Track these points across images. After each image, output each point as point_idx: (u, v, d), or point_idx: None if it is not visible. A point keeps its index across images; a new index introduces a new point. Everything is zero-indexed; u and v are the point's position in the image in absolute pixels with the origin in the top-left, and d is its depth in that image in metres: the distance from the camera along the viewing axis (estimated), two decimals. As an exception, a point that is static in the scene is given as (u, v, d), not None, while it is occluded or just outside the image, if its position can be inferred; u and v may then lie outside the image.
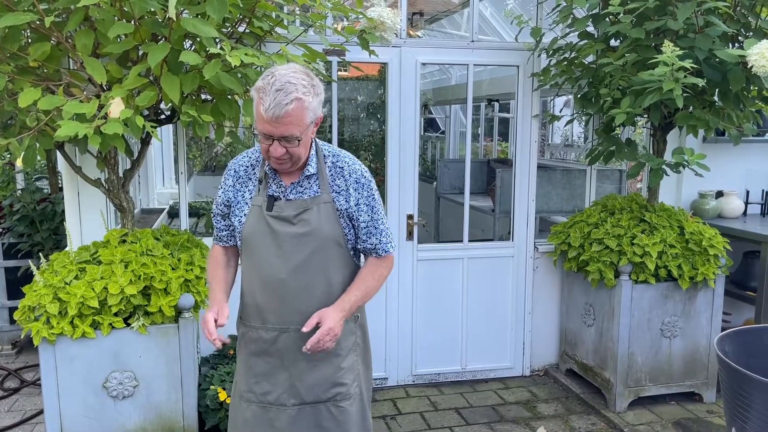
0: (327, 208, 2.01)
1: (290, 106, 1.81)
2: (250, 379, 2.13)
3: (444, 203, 6.53)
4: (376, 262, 2.12)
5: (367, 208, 2.06)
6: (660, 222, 3.66)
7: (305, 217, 2.00)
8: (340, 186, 2.04)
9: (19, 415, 3.68)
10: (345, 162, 2.07)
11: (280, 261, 2.01)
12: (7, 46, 2.55)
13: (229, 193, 2.10)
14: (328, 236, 2.01)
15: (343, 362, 2.11)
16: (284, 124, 1.83)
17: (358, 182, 2.05)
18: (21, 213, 4.47)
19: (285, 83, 1.81)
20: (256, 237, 2.03)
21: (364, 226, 2.06)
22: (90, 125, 2.38)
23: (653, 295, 3.66)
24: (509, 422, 3.67)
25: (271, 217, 2.01)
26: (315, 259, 2.01)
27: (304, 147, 1.94)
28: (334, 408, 2.10)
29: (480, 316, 4.20)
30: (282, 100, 1.80)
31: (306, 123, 1.87)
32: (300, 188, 2.02)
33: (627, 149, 3.57)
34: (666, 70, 2.79)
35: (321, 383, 2.09)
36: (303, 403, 2.09)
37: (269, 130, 1.85)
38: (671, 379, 3.80)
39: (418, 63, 3.86)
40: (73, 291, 2.75)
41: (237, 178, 2.10)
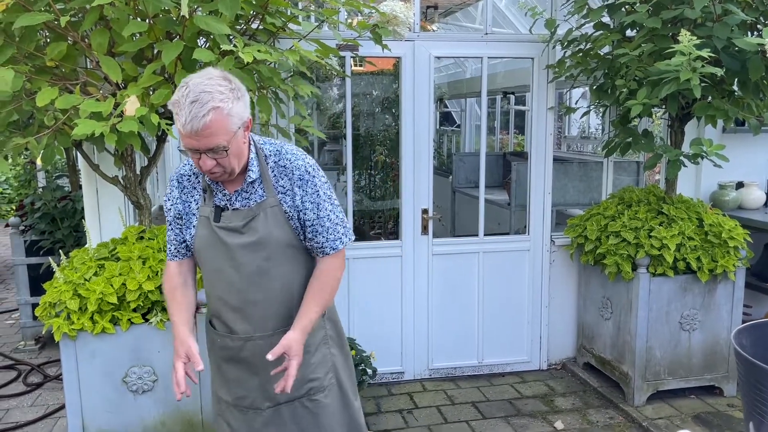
0: (274, 212, 1.94)
1: (208, 117, 1.70)
2: (223, 384, 2.12)
3: (459, 197, 6.51)
4: (326, 265, 2.00)
5: (312, 206, 1.95)
6: (678, 214, 3.62)
7: (253, 225, 1.93)
8: (285, 186, 1.94)
9: (42, 410, 3.75)
10: (287, 159, 1.95)
11: (235, 271, 1.96)
12: (24, 46, 2.58)
13: (178, 206, 2.02)
14: (280, 241, 1.94)
15: (312, 358, 2.07)
16: (206, 136, 1.72)
17: (302, 179, 1.94)
18: (42, 211, 4.54)
19: (199, 93, 1.70)
20: (209, 248, 1.97)
21: (309, 224, 1.96)
22: (106, 123, 2.40)
23: (672, 288, 3.62)
24: (526, 416, 3.66)
25: (220, 228, 1.94)
26: (270, 265, 1.95)
27: (236, 156, 1.83)
28: (308, 402, 2.08)
29: (496, 310, 4.19)
30: (198, 112, 1.69)
31: (231, 130, 1.76)
32: (245, 194, 1.94)
33: (644, 141, 3.53)
34: (683, 60, 2.75)
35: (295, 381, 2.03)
36: (278, 403, 2.06)
37: (193, 144, 1.75)
38: (691, 372, 3.76)
39: (432, 57, 3.85)
40: (93, 287, 2.79)
41: (181, 189, 2.02)
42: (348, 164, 3.95)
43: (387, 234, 6.78)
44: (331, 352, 2.15)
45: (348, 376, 2.22)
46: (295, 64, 2.70)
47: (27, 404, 3.84)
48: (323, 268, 2.01)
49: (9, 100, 2.65)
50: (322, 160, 8.47)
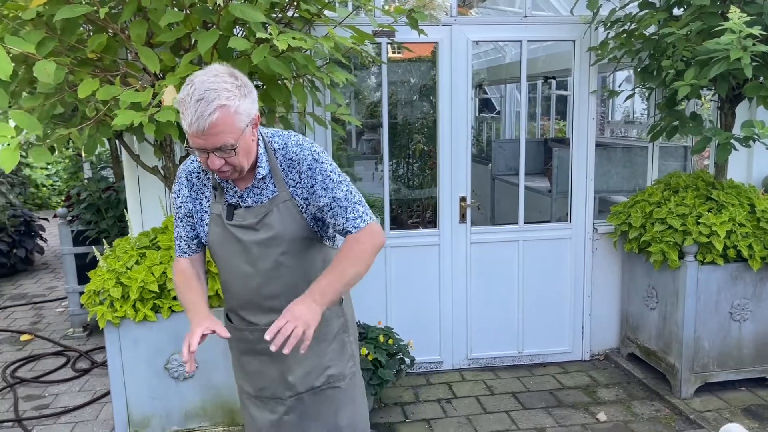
0: (287, 206, 1.89)
1: (214, 115, 1.65)
2: (245, 376, 2.11)
3: (499, 185, 6.42)
4: (352, 239, 1.90)
5: (325, 192, 1.89)
6: (728, 200, 3.48)
7: (267, 221, 1.89)
8: (295, 179, 1.90)
9: (89, 395, 3.85)
10: (293, 152, 1.90)
11: (251, 268, 1.93)
12: (65, 39, 2.63)
13: (188, 204, 1.97)
14: (295, 235, 1.91)
15: (329, 346, 2.05)
16: (213, 135, 1.67)
17: (310, 168, 1.88)
18: (87, 201, 4.66)
19: (205, 91, 1.65)
20: (223, 246, 1.95)
21: (327, 210, 1.90)
22: (144, 113, 2.43)
23: (721, 277, 3.49)
24: (568, 407, 3.59)
25: (233, 226, 1.91)
26: (287, 259, 1.92)
27: (245, 154, 1.78)
28: (330, 390, 2.06)
29: (536, 299, 4.11)
30: (204, 111, 1.64)
31: (238, 128, 1.71)
32: (256, 190, 1.90)
33: (691, 124, 3.40)
34: (733, 38, 2.63)
35: (312, 371, 2.04)
36: (298, 393, 2.05)
37: (200, 143, 1.70)
38: (741, 364, 3.63)
39: (470, 41, 3.78)
40: (134, 276, 2.84)
41: (191, 186, 1.97)
42: (384, 153, 3.92)
43: (425, 223, 6.73)
44: (350, 341, 2.13)
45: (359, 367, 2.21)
46: (330, 51, 2.68)
47: (75, 389, 3.95)
48: (349, 241, 1.90)
49: (52, 92, 2.71)
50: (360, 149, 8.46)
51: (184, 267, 2.03)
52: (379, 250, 1.93)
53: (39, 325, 5.14)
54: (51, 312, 5.47)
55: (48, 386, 4.00)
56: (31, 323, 5.19)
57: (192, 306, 1.92)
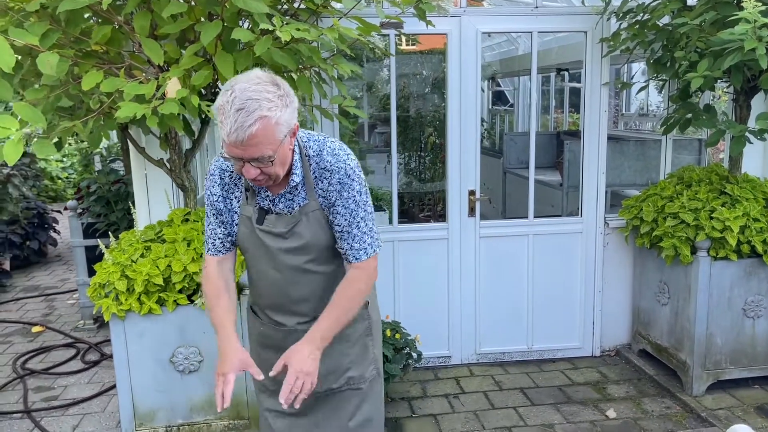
0: (316, 215, 1.87)
1: (255, 126, 1.59)
2: (263, 368, 2.02)
3: (510, 178, 6.36)
4: (351, 276, 1.89)
5: (345, 212, 1.86)
6: (743, 194, 3.41)
7: (297, 231, 1.87)
8: (324, 188, 1.86)
9: (98, 387, 3.87)
10: (327, 162, 1.85)
11: (278, 273, 1.91)
12: (69, 30, 2.62)
13: (219, 204, 1.93)
14: (324, 244, 1.89)
15: (352, 348, 2.02)
16: (252, 146, 1.62)
17: (340, 183, 1.85)
18: (97, 194, 4.67)
19: (246, 101, 1.59)
20: (251, 248, 1.93)
21: (338, 230, 1.88)
22: (148, 106, 2.42)
23: (734, 273, 3.42)
24: (577, 404, 3.55)
25: (262, 231, 1.88)
26: (314, 266, 1.91)
27: (281, 163, 1.74)
28: (349, 392, 2.03)
29: (546, 294, 4.07)
30: (245, 122, 1.58)
31: (278, 139, 1.66)
32: (288, 196, 1.87)
33: (705, 116, 3.33)
34: (748, 28, 2.56)
35: (332, 372, 1.99)
36: (316, 392, 1.98)
37: (237, 153, 1.65)
38: (754, 361, 3.56)
39: (479, 32, 3.72)
40: (139, 269, 2.83)
41: (223, 185, 1.92)
42: (393, 146, 3.89)
43: (436, 216, 6.70)
44: (373, 344, 2.10)
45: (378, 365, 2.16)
46: (335, 42, 2.64)
47: (84, 381, 3.98)
48: (348, 277, 1.91)
49: (57, 85, 2.71)
50: (372, 142, 8.42)
51: (212, 274, 1.98)
52: (371, 284, 1.96)
53: (50, 316, 5.18)
54: (63, 304, 5.51)
55: (57, 378, 4.03)
56: (43, 315, 5.23)
57: (221, 331, 1.89)
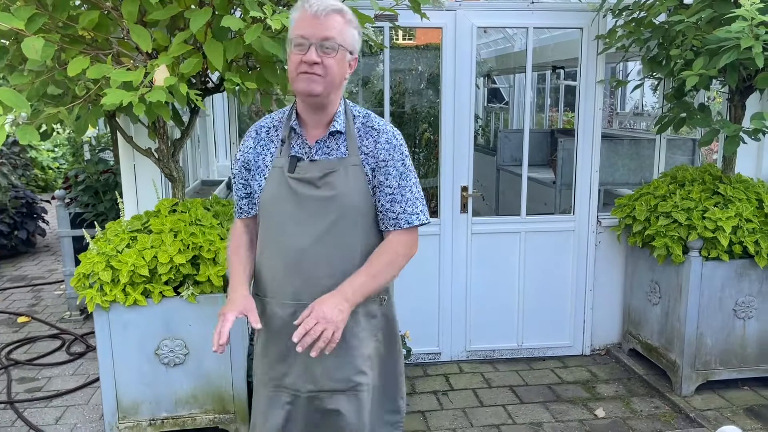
0: (355, 171, 1.84)
1: (336, 11, 1.75)
2: (265, 361, 2.00)
3: (504, 175, 6.34)
4: (394, 239, 1.88)
5: (396, 173, 1.86)
6: (736, 194, 3.39)
7: (331, 180, 1.83)
8: (369, 147, 1.86)
9: (82, 379, 3.83)
10: (375, 122, 1.90)
11: (300, 228, 1.85)
12: (56, 15, 2.57)
13: (249, 155, 1.94)
14: (355, 203, 1.84)
15: (363, 347, 1.94)
16: (325, 24, 1.73)
17: (389, 143, 1.86)
18: (85, 183, 4.61)
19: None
20: (276, 202, 1.88)
21: (389, 191, 1.86)
22: (135, 93, 2.37)
23: (726, 273, 3.41)
24: (566, 402, 3.53)
25: (294, 179, 1.84)
26: (338, 227, 1.85)
27: (339, 69, 1.78)
28: (353, 398, 1.94)
29: (538, 292, 4.04)
30: (328, 3, 1.74)
31: (346, 39, 1.77)
32: (326, 147, 1.86)
33: (699, 115, 3.30)
34: (744, 26, 2.53)
35: (340, 369, 1.91)
36: (321, 390, 1.93)
37: (309, 31, 1.73)
38: (744, 362, 3.55)
39: (474, 27, 3.69)
40: (125, 259, 2.79)
41: (258, 140, 1.94)
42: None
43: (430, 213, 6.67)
44: (378, 347, 2.00)
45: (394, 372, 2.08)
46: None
47: (69, 373, 3.93)
48: (390, 239, 1.89)
49: (42, 71, 2.65)
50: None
51: (237, 230, 2.04)
52: (408, 260, 1.92)
53: (37, 307, 5.12)
54: (50, 294, 5.45)
55: (42, 369, 3.98)
56: (29, 305, 5.17)
57: (233, 279, 1.93)
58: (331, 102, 1.85)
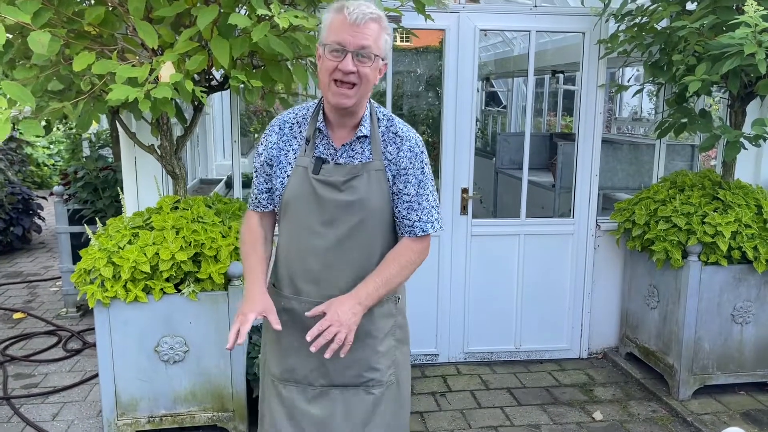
0: (378, 176, 1.86)
1: (374, 17, 1.75)
2: (277, 353, 2.00)
3: (503, 178, 6.35)
4: (407, 245, 1.91)
5: (415, 181, 1.89)
6: (735, 200, 3.41)
7: (354, 184, 1.84)
8: (392, 153, 1.88)
9: (79, 376, 3.81)
10: (399, 128, 1.91)
11: (323, 229, 1.87)
12: (62, 10, 2.56)
13: (272, 150, 1.92)
14: (377, 207, 1.86)
15: (379, 345, 1.95)
16: (363, 33, 1.73)
17: (411, 151, 1.88)
18: (84, 180, 4.60)
19: (368, 3, 1.78)
20: (299, 202, 1.88)
21: (407, 199, 1.89)
22: (140, 89, 2.37)
23: (724, 278, 3.43)
24: (564, 405, 3.54)
25: (318, 181, 1.85)
26: (360, 230, 1.87)
27: (373, 75, 1.79)
28: (365, 393, 1.94)
29: (536, 295, 4.05)
30: (366, 10, 1.75)
31: (380, 47, 1.78)
32: (351, 151, 1.87)
33: (701, 120, 3.32)
34: (748, 32, 2.55)
35: (353, 366, 1.92)
36: (332, 385, 1.94)
37: (346, 39, 1.73)
38: (741, 367, 3.57)
39: (477, 29, 3.70)
40: (126, 255, 2.78)
41: (281, 135, 1.93)
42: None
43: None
44: (397, 345, 2.02)
45: (407, 376, 2.09)
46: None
47: (65, 369, 3.91)
48: (404, 244, 1.92)
49: (47, 65, 2.65)
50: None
51: (253, 224, 2.01)
52: (419, 265, 1.94)
53: (33, 303, 5.09)
54: (45, 291, 5.43)
55: (38, 365, 3.96)
56: (24, 301, 5.14)
57: (251, 276, 1.91)
58: (360, 107, 1.87)
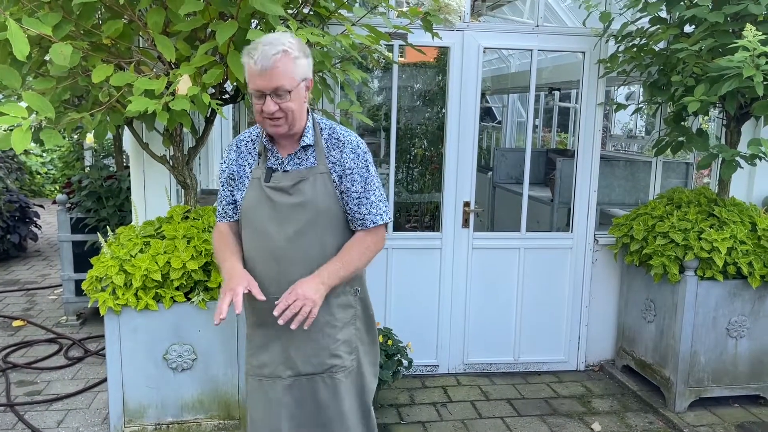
0: (323, 178, 2.07)
1: (277, 56, 1.88)
2: (249, 351, 2.22)
3: (500, 193, 6.44)
4: (363, 235, 2.13)
5: (361, 179, 2.09)
6: (730, 217, 3.50)
7: (301, 188, 2.06)
8: (336, 157, 2.08)
9: (82, 383, 3.82)
10: (341, 134, 2.12)
11: (277, 229, 2.07)
12: (82, 23, 2.62)
13: (233, 166, 2.17)
14: (324, 206, 2.07)
15: (338, 333, 2.15)
16: (273, 75, 1.89)
17: (354, 152, 2.09)
18: (89, 189, 4.63)
19: (272, 39, 1.92)
20: (256, 208, 2.09)
21: (355, 196, 2.10)
22: (159, 101, 2.43)
23: (720, 293, 3.52)
24: (562, 416, 3.60)
25: (269, 188, 2.07)
26: (310, 228, 2.06)
27: (297, 104, 1.97)
28: (329, 379, 2.14)
29: (535, 307, 4.12)
30: (269, 52, 1.88)
31: (295, 77, 1.93)
32: (297, 159, 2.09)
33: (698, 139, 3.43)
34: (746, 55, 2.65)
35: (316, 353, 2.12)
36: (299, 374, 2.14)
37: (260, 84, 1.91)
38: (736, 380, 3.65)
39: (481, 47, 3.79)
40: (138, 264, 2.82)
41: (239, 152, 2.17)
42: (391, 157, 3.93)
43: (423, 227, 6.75)
44: (357, 334, 2.22)
45: (371, 360, 2.29)
46: (347, 48, 2.68)
47: (68, 377, 3.92)
48: (358, 235, 2.14)
49: (65, 77, 2.70)
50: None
51: (223, 230, 2.23)
52: (377, 253, 2.17)
53: (32, 311, 5.10)
54: (44, 299, 5.43)
55: (40, 373, 3.97)
56: (23, 309, 5.14)
57: (229, 262, 2.09)
58: (297, 126, 2.05)
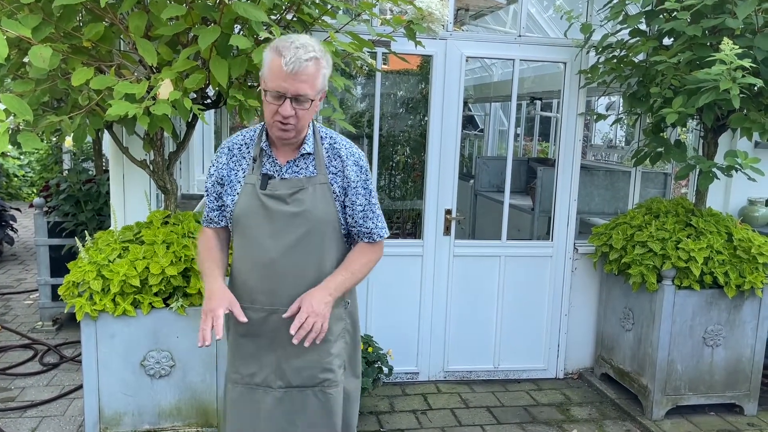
0: (323, 189, 1.99)
1: (309, 63, 1.82)
2: (237, 360, 2.13)
3: (481, 201, 6.47)
4: (367, 246, 2.09)
5: (365, 192, 2.04)
6: (707, 227, 3.55)
7: (300, 197, 1.98)
8: (337, 167, 2.02)
9: (57, 390, 3.76)
10: (342, 144, 2.05)
11: (272, 241, 1.99)
12: (62, 25, 2.59)
13: (222, 171, 2.07)
14: (322, 218, 2.00)
15: (332, 348, 2.09)
16: (300, 81, 1.82)
17: (356, 164, 2.03)
18: (67, 193, 4.57)
19: (305, 43, 1.84)
20: (249, 216, 2.01)
21: (360, 209, 2.04)
22: (140, 105, 2.41)
23: (697, 302, 3.56)
24: (541, 423, 3.62)
25: (265, 195, 1.98)
26: (307, 240, 1.99)
27: (311, 114, 1.92)
28: (321, 394, 2.08)
29: (515, 315, 4.14)
30: (302, 56, 1.81)
31: (318, 87, 1.87)
32: (296, 167, 2.01)
33: (676, 150, 3.48)
34: (723, 69, 2.70)
35: (309, 367, 2.06)
36: (290, 386, 2.07)
37: (284, 87, 1.83)
38: (712, 389, 3.69)
39: (464, 56, 3.82)
40: (116, 269, 2.79)
41: (231, 156, 2.07)
42: (374, 162, 3.93)
43: (405, 234, 6.75)
44: (346, 348, 2.18)
45: (354, 367, 2.25)
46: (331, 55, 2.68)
47: (43, 383, 3.86)
48: (364, 246, 2.09)
49: (44, 79, 2.67)
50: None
51: (208, 236, 2.16)
52: (377, 262, 2.14)
53: (6, 316, 5.00)
54: (19, 304, 5.34)
55: (14, 379, 3.90)
56: (-2, 314, 5.06)
57: (210, 275, 2.02)
58: (302, 134, 1.99)
